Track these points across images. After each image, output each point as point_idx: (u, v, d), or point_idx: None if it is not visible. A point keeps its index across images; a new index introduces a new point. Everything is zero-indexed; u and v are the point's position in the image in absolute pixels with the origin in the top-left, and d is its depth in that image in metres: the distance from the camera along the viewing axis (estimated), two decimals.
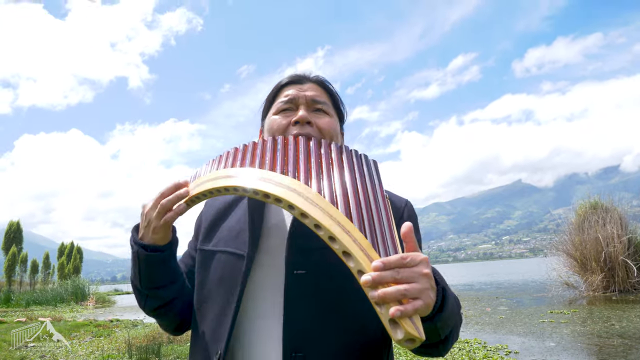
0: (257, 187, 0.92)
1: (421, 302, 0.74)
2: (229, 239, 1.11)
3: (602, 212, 10.92)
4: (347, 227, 0.82)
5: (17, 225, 29.94)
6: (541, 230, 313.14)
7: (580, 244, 10.84)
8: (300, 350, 0.98)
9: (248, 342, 1.04)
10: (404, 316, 0.72)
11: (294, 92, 1.17)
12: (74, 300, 21.28)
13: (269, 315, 1.03)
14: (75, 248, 33.98)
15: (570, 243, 11.24)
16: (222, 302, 1.06)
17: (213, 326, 1.07)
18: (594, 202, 11.49)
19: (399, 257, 0.76)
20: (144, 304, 1.15)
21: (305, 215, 0.83)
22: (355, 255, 0.78)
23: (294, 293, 1.00)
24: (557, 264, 11.69)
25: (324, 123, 1.14)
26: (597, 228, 10.59)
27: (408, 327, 0.71)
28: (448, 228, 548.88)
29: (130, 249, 1.11)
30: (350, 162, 0.98)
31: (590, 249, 10.57)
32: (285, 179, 0.93)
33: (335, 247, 0.80)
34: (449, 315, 0.86)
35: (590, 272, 10.63)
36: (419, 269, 0.76)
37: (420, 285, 0.75)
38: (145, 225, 1.05)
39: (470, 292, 14.68)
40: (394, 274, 0.74)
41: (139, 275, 1.09)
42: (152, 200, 1.05)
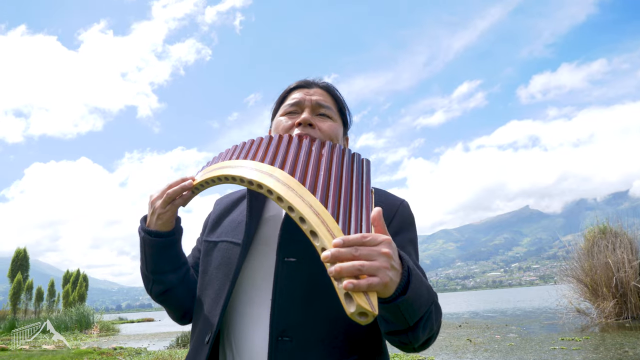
0: (245, 176, 1.01)
1: (377, 279, 0.75)
2: (230, 229, 1.21)
3: (611, 237, 10.77)
4: (318, 210, 0.87)
5: (24, 252, 29.96)
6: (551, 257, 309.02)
7: (591, 269, 10.66)
8: (286, 334, 1.03)
9: (238, 325, 1.11)
10: (357, 290, 0.74)
11: (300, 96, 1.24)
12: (78, 328, 21.07)
13: (259, 301, 1.09)
14: (81, 276, 33.88)
15: (580, 269, 11.06)
16: (217, 287, 1.14)
17: (208, 310, 1.14)
18: (602, 226, 11.35)
19: (360, 235, 0.78)
20: (150, 288, 1.24)
21: (281, 199, 0.91)
22: (320, 234, 0.82)
23: (283, 280, 1.06)
24: (568, 291, 11.47)
25: (326, 126, 1.20)
26: (607, 253, 10.43)
27: (360, 301, 0.73)
28: (456, 255, 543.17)
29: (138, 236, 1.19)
30: (339, 158, 1.07)
31: (600, 275, 10.39)
32: (276, 170, 1.01)
33: (304, 227, 0.86)
34: (413, 299, 0.86)
35: (601, 299, 10.42)
36: (379, 248, 0.77)
37: (378, 264, 0.76)
38: (151, 213, 1.16)
39: (479, 319, 14.41)
40: (352, 251, 0.76)
41: (144, 260, 1.20)
42: (158, 190, 1.16)
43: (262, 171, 1.01)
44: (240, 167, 1.07)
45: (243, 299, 1.12)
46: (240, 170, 1.06)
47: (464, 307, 24.71)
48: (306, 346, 1.02)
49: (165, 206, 1.13)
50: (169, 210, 1.13)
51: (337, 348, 1.03)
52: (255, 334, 1.07)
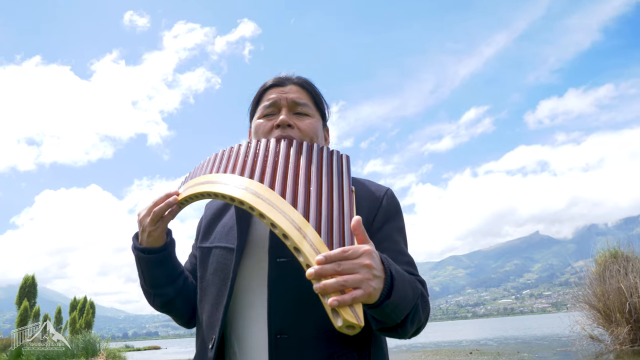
0: (227, 193, 1.04)
1: (361, 291, 0.79)
2: (222, 235, 1.24)
3: (623, 261, 10.62)
4: (300, 225, 0.90)
5: (32, 279, 29.95)
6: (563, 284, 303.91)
7: (603, 294, 10.48)
8: (284, 332, 1.07)
9: (238, 327, 1.15)
10: (342, 305, 0.78)
11: (275, 96, 1.25)
12: (84, 355, 20.89)
13: (256, 303, 1.13)
14: (88, 303, 33.71)
15: (592, 294, 10.87)
16: (216, 292, 1.17)
17: (209, 315, 1.17)
18: (614, 251, 11.20)
19: (341, 250, 0.82)
20: (152, 301, 1.29)
21: (263, 216, 0.94)
22: (304, 251, 0.85)
23: (277, 280, 1.10)
24: (581, 317, 11.25)
25: (304, 125, 1.23)
26: (619, 278, 10.26)
27: (346, 315, 0.77)
28: (466, 282, 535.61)
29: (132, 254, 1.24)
30: (318, 161, 1.09)
31: (613, 300, 10.20)
32: (255, 185, 1.02)
33: (288, 243, 0.89)
34: (398, 301, 0.91)
35: (615, 325, 10.20)
36: (360, 260, 0.81)
37: (361, 276, 0.80)
38: (142, 231, 1.19)
39: (490, 346, 14.13)
40: (335, 267, 0.80)
41: (142, 276, 1.24)
42: (145, 208, 1.19)
43: (242, 187, 1.03)
44: (222, 184, 1.08)
45: (241, 302, 1.16)
46: (222, 187, 1.07)
47: (475, 335, 24.24)
48: (304, 341, 1.06)
49: (154, 224, 1.15)
50: (158, 227, 1.16)
51: (334, 341, 1.07)
52: (255, 334, 1.12)
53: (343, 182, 1.04)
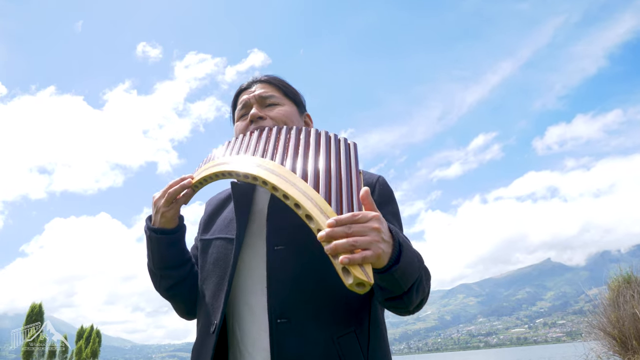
0: (241, 171, 1.11)
1: (370, 252, 0.85)
2: (222, 227, 1.31)
3: (636, 286, 10.39)
4: (311, 195, 0.96)
5: (39, 307, 29.87)
6: (577, 312, 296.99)
7: (618, 321, 10.22)
8: (284, 316, 1.11)
9: (240, 313, 1.19)
10: (352, 263, 0.83)
11: (245, 97, 1.35)
12: None
13: (256, 289, 1.18)
14: (95, 331, 33.46)
15: (606, 321, 10.61)
16: (217, 280, 1.23)
17: (210, 302, 1.22)
18: (627, 276, 10.98)
19: (351, 214, 0.89)
20: (158, 284, 1.34)
21: (276, 189, 1.00)
22: (315, 217, 0.91)
23: (275, 267, 1.15)
24: (596, 345, 10.94)
25: (274, 113, 1.31)
26: (633, 303, 10.02)
27: (357, 273, 0.82)
28: (477, 311, 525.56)
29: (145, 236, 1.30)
30: (327, 143, 1.14)
31: (629, 327, 9.94)
32: (268, 162, 1.09)
33: (300, 212, 0.95)
34: (405, 267, 0.96)
35: (632, 352, 9.91)
36: (369, 224, 0.88)
37: (370, 238, 0.86)
38: (155, 213, 1.26)
39: None
40: (346, 229, 0.86)
41: (152, 258, 1.30)
42: (160, 191, 1.27)
43: (255, 164, 1.09)
44: (235, 163, 1.15)
45: (241, 289, 1.20)
46: (235, 165, 1.14)
47: None
48: (303, 324, 1.10)
49: (167, 205, 1.22)
50: (172, 209, 1.23)
51: (333, 323, 1.11)
52: (256, 319, 1.16)
53: (351, 163, 1.09)
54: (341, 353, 1.07)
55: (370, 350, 1.12)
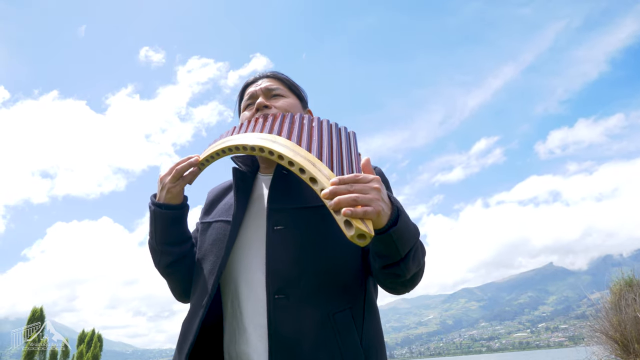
0: (247, 143, 1.17)
1: (371, 208, 0.92)
2: (223, 211, 1.37)
3: (638, 290, 10.37)
4: (314, 162, 1.03)
5: (40, 312, 29.75)
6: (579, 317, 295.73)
7: (619, 324, 10.19)
8: (281, 292, 1.15)
9: (238, 290, 1.24)
10: (354, 216, 0.89)
11: (252, 89, 1.43)
12: None
13: (255, 268, 1.23)
14: (96, 336, 33.30)
15: (608, 324, 10.58)
16: (214, 258, 1.28)
17: (205, 279, 1.26)
18: (629, 279, 10.96)
19: (353, 175, 0.97)
20: (158, 260, 1.37)
21: (282, 157, 1.07)
22: (319, 179, 0.98)
23: (274, 245, 1.20)
24: (598, 349, 10.90)
25: (279, 103, 1.39)
26: (635, 307, 10.00)
27: (358, 224, 0.88)
28: (479, 315, 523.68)
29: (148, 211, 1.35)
30: (328, 127, 1.21)
31: (630, 330, 9.91)
32: (276, 137, 1.15)
33: (304, 176, 1.02)
34: (403, 230, 1.03)
35: (634, 355, 9.88)
36: (371, 184, 0.96)
37: (371, 196, 0.94)
38: (161, 189, 1.31)
39: None
40: (348, 187, 0.94)
41: (154, 233, 1.34)
42: (167, 168, 1.32)
43: (262, 138, 1.16)
44: (240, 138, 1.22)
45: (239, 267, 1.26)
46: (242, 139, 1.21)
47: None
48: (300, 300, 1.15)
49: (174, 181, 1.27)
50: (177, 185, 1.28)
51: (329, 300, 1.16)
52: (254, 295, 1.21)
53: (351, 146, 1.15)
54: (336, 329, 1.11)
55: (365, 329, 1.17)
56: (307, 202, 1.23)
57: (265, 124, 1.23)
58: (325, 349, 1.11)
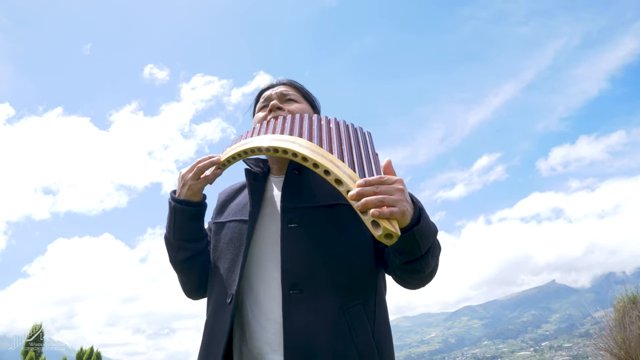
0: (271, 145, 1.20)
1: (397, 208, 0.96)
2: (236, 211, 1.41)
3: None
4: (337, 164, 1.06)
5: (40, 328, 29.56)
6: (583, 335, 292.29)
7: (624, 342, 10.09)
8: (296, 287, 1.19)
9: (253, 287, 1.27)
10: (382, 217, 0.93)
11: (267, 93, 1.50)
12: None
13: (270, 265, 1.26)
14: (95, 353, 33.01)
15: (612, 342, 10.47)
16: (231, 257, 1.32)
17: (225, 277, 1.30)
18: (632, 296, 10.88)
19: (378, 177, 1.01)
20: (174, 255, 1.40)
21: (306, 159, 1.10)
22: (344, 180, 1.02)
23: (289, 243, 1.24)
24: None
25: (293, 107, 1.44)
26: (639, 324, 9.91)
27: (386, 224, 0.92)
28: (482, 333, 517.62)
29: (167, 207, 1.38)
30: (345, 128, 1.24)
31: (635, 347, 9.80)
32: (296, 139, 1.18)
33: (329, 177, 1.05)
34: (424, 228, 1.08)
35: None
36: (395, 185, 1.00)
37: (396, 197, 0.98)
38: (182, 186, 1.35)
39: None
40: (374, 189, 0.98)
41: (173, 228, 1.37)
42: (188, 166, 1.36)
43: (283, 139, 1.19)
44: (264, 139, 1.25)
45: (255, 265, 1.29)
46: (265, 141, 1.24)
47: None
48: (314, 295, 1.19)
49: (196, 178, 1.31)
50: (199, 183, 1.31)
51: (342, 295, 1.20)
52: (269, 291, 1.25)
53: (368, 145, 1.19)
54: (350, 323, 1.15)
55: (376, 323, 1.21)
56: (319, 201, 1.27)
57: (284, 125, 1.26)
58: (341, 342, 1.14)
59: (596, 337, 12.14)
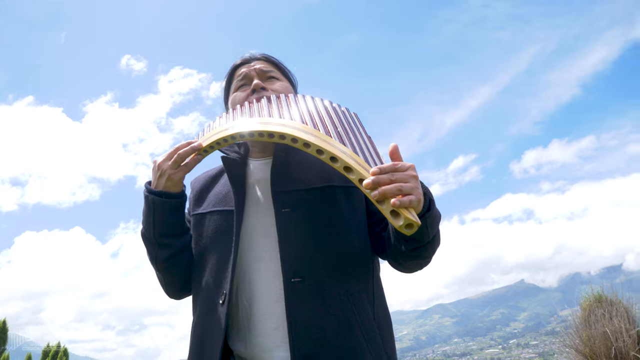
0: (255, 129, 1.08)
1: (414, 197, 0.92)
2: (217, 200, 1.29)
3: (607, 306, 10.56)
4: (342, 149, 0.99)
5: (3, 324, 28.68)
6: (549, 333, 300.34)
7: (589, 339, 10.34)
8: (297, 275, 1.12)
9: (249, 281, 1.18)
10: (402, 206, 0.89)
11: (245, 70, 1.35)
12: None
13: (266, 256, 1.18)
14: (62, 350, 32.23)
15: (578, 339, 10.74)
16: (219, 252, 1.20)
17: (214, 275, 1.19)
18: (598, 295, 11.18)
19: (392, 163, 0.96)
20: (155, 254, 1.25)
21: (308, 145, 1.01)
22: (355, 168, 0.95)
23: (286, 228, 1.16)
24: None
25: (277, 86, 1.32)
26: (604, 322, 10.17)
27: (407, 214, 0.88)
28: (452, 331, 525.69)
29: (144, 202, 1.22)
30: (326, 108, 1.14)
31: (599, 345, 10.06)
32: (288, 121, 1.07)
33: (337, 165, 0.98)
34: (435, 215, 1.05)
35: None
36: (409, 172, 0.96)
37: (412, 184, 0.94)
38: (159, 176, 1.20)
39: None
40: (390, 177, 0.93)
41: (152, 225, 1.22)
42: (165, 153, 1.21)
43: (276, 124, 1.07)
44: (251, 123, 1.11)
45: (248, 258, 1.19)
46: (246, 125, 1.10)
47: None
48: (317, 282, 1.12)
49: (176, 167, 1.16)
50: (180, 171, 1.17)
51: (344, 281, 1.14)
52: (269, 283, 1.15)
53: (360, 127, 1.11)
54: (355, 308, 1.10)
55: (376, 306, 1.17)
56: (311, 183, 1.19)
57: (271, 107, 1.13)
58: (348, 331, 1.09)
59: (563, 335, 12.44)
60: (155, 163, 1.19)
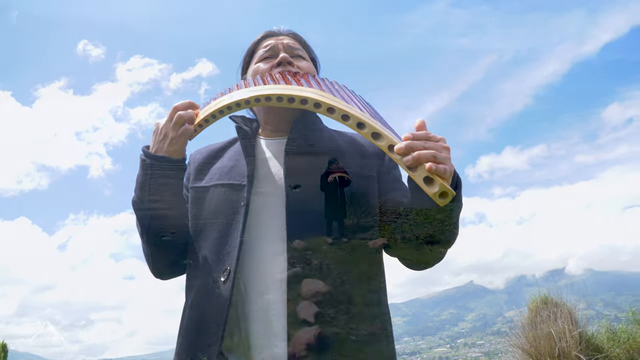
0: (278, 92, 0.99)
1: (448, 167, 0.85)
2: (223, 174, 1.17)
3: (552, 307, 11.05)
4: (369, 117, 0.92)
5: None
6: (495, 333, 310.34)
7: (534, 339, 10.77)
8: (303, 260, 1.03)
9: (251, 262, 1.06)
10: (437, 172, 0.82)
11: (272, 42, 1.26)
12: None
13: (272, 238, 1.07)
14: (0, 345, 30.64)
15: (524, 339, 11.17)
16: (222, 228, 1.09)
17: (215, 250, 1.09)
18: (544, 297, 11.67)
19: (425, 132, 0.90)
20: (147, 224, 1.11)
21: (333, 109, 0.93)
22: (384, 133, 0.88)
23: (297, 207, 1.07)
24: None
25: (303, 64, 1.24)
26: (549, 323, 10.62)
27: (442, 181, 0.81)
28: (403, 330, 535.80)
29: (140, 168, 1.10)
30: (346, 89, 1.08)
31: (544, 345, 10.50)
32: (304, 88, 1.00)
33: (364, 131, 0.90)
34: (460, 195, 0.99)
35: None
36: (442, 143, 0.90)
37: (445, 154, 0.88)
38: (161, 139, 1.09)
39: None
40: (423, 143, 0.86)
41: (148, 191, 1.09)
42: (166, 117, 1.09)
43: (297, 89, 1.00)
44: (273, 88, 1.03)
45: (254, 237, 1.08)
46: (257, 90, 1.03)
47: None
48: (323, 269, 1.03)
49: (178, 129, 1.05)
50: (182, 135, 1.06)
51: (357, 261, 1.07)
52: (271, 266, 1.05)
53: (368, 103, 1.06)
54: (368, 289, 1.05)
55: (382, 295, 1.12)
56: (324, 166, 1.11)
57: (289, 81, 1.05)
58: (368, 312, 1.03)
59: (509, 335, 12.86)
60: (158, 125, 1.09)
